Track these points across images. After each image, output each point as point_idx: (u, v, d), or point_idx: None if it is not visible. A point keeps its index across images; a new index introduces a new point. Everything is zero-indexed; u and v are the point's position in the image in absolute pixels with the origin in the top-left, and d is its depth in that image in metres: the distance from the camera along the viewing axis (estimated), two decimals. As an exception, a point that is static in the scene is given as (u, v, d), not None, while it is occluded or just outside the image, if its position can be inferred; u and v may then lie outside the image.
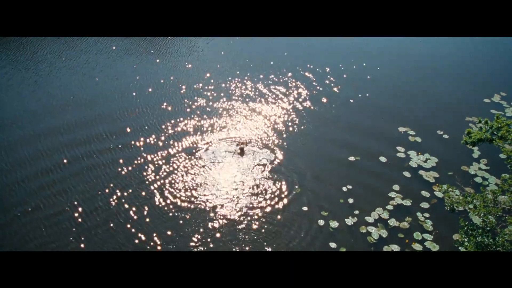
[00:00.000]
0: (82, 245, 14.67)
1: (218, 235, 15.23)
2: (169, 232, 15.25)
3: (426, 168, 18.30)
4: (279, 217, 16.02)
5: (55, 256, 7.71)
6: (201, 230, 15.36)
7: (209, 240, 15.02)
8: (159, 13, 9.91)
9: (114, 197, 16.47)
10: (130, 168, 17.75)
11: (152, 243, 14.83)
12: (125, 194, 16.61)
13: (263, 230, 15.49)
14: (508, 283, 7.23)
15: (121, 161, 18.07)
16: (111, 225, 15.43)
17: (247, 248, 14.85)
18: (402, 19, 9.98)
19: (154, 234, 15.14)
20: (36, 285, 7.20)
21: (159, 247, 14.72)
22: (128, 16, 9.79)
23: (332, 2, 9.94)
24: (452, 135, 20.04)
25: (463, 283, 7.33)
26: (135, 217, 15.76)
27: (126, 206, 16.13)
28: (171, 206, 16.19)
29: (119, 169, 17.66)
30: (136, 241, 14.90)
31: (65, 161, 18.02)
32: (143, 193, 16.69)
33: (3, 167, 17.61)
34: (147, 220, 15.67)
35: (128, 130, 19.85)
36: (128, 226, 15.43)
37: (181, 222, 15.62)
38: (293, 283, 7.46)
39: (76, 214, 15.75)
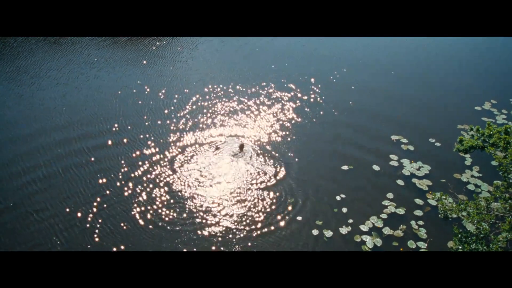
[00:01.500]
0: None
1: (207, 245, 15.08)
2: (150, 248, 15.05)
3: (419, 176, 18.35)
4: (272, 227, 15.92)
5: (48, 256, 7.57)
6: (191, 241, 15.20)
7: (198, 249, 14.87)
8: (154, 13, 9.87)
9: (95, 209, 16.29)
10: (110, 183, 17.51)
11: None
12: (105, 206, 16.39)
13: (255, 241, 15.37)
14: (502, 283, 7.22)
15: (101, 173, 17.87)
16: (95, 236, 15.25)
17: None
18: (397, 19, 9.95)
19: (139, 247, 14.95)
20: (29, 286, 7.06)
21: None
22: (122, 16, 9.75)
23: (329, 1, 9.93)
24: (444, 143, 20.16)
25: (457, 283, 7.31)
26: (118, 235, 15.57)
27: (110, 225, 15.80)
28: (158, 217, 16.04)
29: (100, 180, 17.49)
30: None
31: (43, 176, 17.71)
32: (126, 207, 16.53)
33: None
34: (129, 234, 15.49)
35: (110, 142, 19.65)
36: (109, 242, 15.21)
37: (171, 233, 15.46)
38: (291, 283, 7.38)
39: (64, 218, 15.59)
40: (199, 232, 15.54)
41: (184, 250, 14.85)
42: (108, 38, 29.30)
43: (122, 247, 14.82)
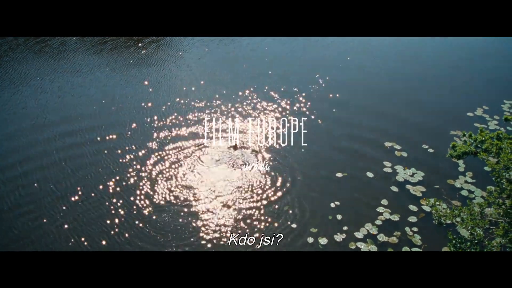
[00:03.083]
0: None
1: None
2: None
3: (413, 182, 18.38)
4: (266, 235, 15.83)
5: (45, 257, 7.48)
6: (179, 250, 15.09)
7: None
8: (151, 13, 9.87)
9: (76, 223, 16.12)
10: (97, 194, 17.43)
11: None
12: (85, 220, 16.26)
13: (248, 249, 15.27)
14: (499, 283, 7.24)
15: (85, 184, 17.77)
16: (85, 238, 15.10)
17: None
18: (390, 18, 9.94)
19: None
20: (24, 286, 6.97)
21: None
22: (118, 16, 9.74)
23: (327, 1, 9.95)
24: (437, 148, 20.24)
25: (453, 282, 7.31)
26: (102, 248, 15.43)
27: (96, 240, 15.74)
28: (148, 224, 15.92)
29: (83, 192, 17.36)
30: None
31: (22, 185, 17.58)
32: (111, 218, 16.40)
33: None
34: (115, 245, 15.35)
35: (95, 150, 19.59)
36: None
37: (160, 242, 15.34)
38: (290, 283, 7.33)
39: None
40: (189, 238, 15.41)
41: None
42: (93, 46, 29.34)
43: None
